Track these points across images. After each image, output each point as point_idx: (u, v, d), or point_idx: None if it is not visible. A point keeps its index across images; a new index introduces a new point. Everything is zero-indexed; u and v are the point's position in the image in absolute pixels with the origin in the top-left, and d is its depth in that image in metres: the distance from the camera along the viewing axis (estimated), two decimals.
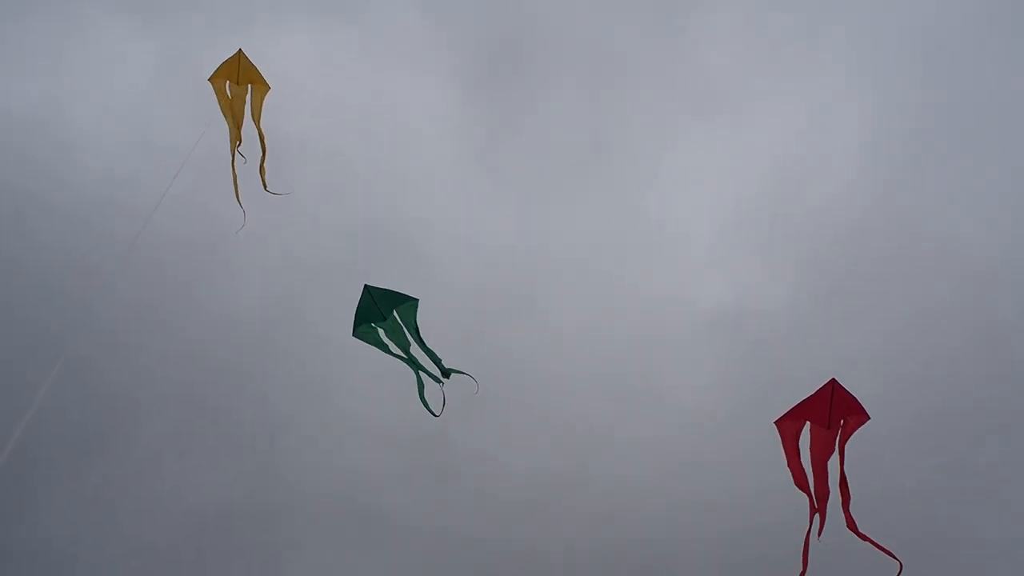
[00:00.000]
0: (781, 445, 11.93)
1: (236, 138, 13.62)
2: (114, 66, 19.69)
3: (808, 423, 11.80)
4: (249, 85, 13.61)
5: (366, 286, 12.79)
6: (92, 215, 18.87)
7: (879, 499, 17.56)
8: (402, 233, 19.50)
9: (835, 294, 19.51)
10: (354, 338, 12.88)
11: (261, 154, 13.79)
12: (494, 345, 19.12)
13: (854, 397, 11.64)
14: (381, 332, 13.04)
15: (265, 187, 13.93)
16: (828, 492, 11.91)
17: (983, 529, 17.98)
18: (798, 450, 11.89)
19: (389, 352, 13.08)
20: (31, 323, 18.38)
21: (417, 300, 13.00)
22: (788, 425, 11.86)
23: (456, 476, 18.42)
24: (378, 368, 18.07)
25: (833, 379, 11.64)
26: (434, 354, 13.17)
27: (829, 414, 11.67)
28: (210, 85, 13.60)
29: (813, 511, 11.90)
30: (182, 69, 19.41)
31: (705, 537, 16.94)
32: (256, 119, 13.68)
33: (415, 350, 13.12)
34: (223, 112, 13.65)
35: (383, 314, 12.93)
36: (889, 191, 19.85)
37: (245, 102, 13.64)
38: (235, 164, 13.75)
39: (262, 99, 13.70)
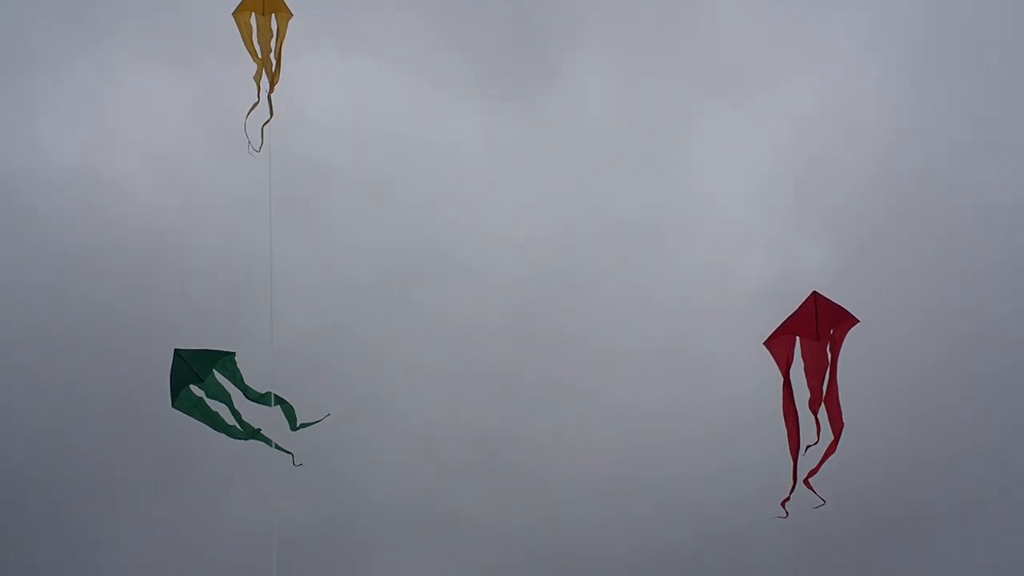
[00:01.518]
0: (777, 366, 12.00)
1: (262, 71, 13.64)
2: (150, 113, 20.23)
3: (798, 338, 11.95)
4: (273, 14, 13.62)
5: (176, 350, 12.33)
6: (137, 262, 19.48)
7: (918, 431, 18.12)
8: (442, 242, 19.97)
9: (868, 248, 19.97)
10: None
11: (271, 82, 13.70)
12: (546, 335, 19.63)
13: (839, 305, 11.84)
14: (205, 399, 12.48)
15: (270, 113, 13.75)
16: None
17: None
18: (788, 369, 11.99)
19: (216, 425, 12.57)
20: (82, 364, 18.96)
21: (234, 353, 12.55)
22: (778, 343, 11.97)
23: (521, 471, 18.91)
24: (432, 375, 18.92)
25: (815, 291, 11.87)
26: (273, 399, 12.73)
27: (816, 326, 11.79)
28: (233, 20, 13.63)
29: (794, 438, 12.05)
30: (217, 111, 19.86)
31: (758, 492, 17.18)
32: (278, 46, 13.68)
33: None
34: (246, 46, 13.68)
35: (200, 375, 12.37)
36: (909, 144, 20.28)
37: (271, 33, 13.64)
38: (259, 103, 13.68)
39: (286, 25, 13.68)
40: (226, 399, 12.59)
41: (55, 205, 19.66)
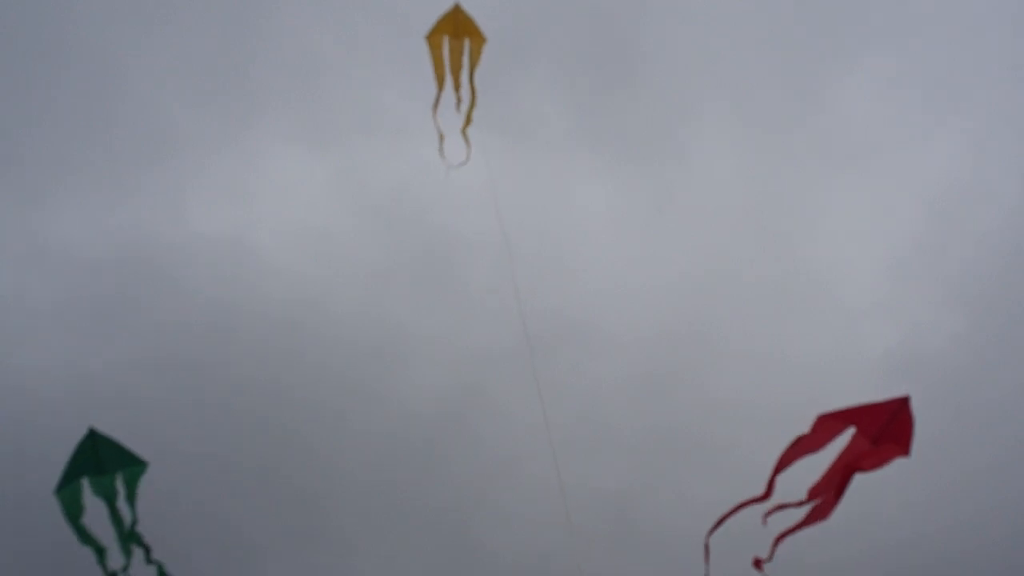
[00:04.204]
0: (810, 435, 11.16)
1: (456, 90, 13.86)
2: (291, 191, 21.38)
3: (853, 430, 10.94)
4: (466, 39, 13.82)
5: (91, 430, 11.05)
6: (278, 331, 20.40)
7: None
8: (573, 308, 20.41)
9: (1008, 323, 19.78)
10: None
11: (470, 105, 13.98)
12: (673, 395, 19.99)
13: (912, 427, 10.75)
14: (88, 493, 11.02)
15: (466, 140, 14.14)
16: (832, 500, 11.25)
17: None
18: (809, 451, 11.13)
19: (81, 534, 10.96)
20: (227, 431, 19.75)
21: (146, 465, 11.22)
22: (830, 424, 11.03)
23: (649, 527, 19.00)
24: (561, 434, 19.18)
25: (907, 396, 10.75)
26: (139, 539, 11.20)
27: (881, 430, 10.82)
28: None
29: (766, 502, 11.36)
30: (353, 187, 21.08)
31: (885, 545, 17.12)
32: (472, 71, 13.84)
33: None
34: (436, 68, 13.89)
35: (102, 468, 11.06)
36: None
37: (463, 55, 13.85)
38: (438, 121, 13.97)
39: (479, 51, 13.81)
40: (111, 502, 11.17)
41: (201, 278, 20.72)
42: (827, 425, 11.05)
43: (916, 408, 17.94)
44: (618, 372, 20.07)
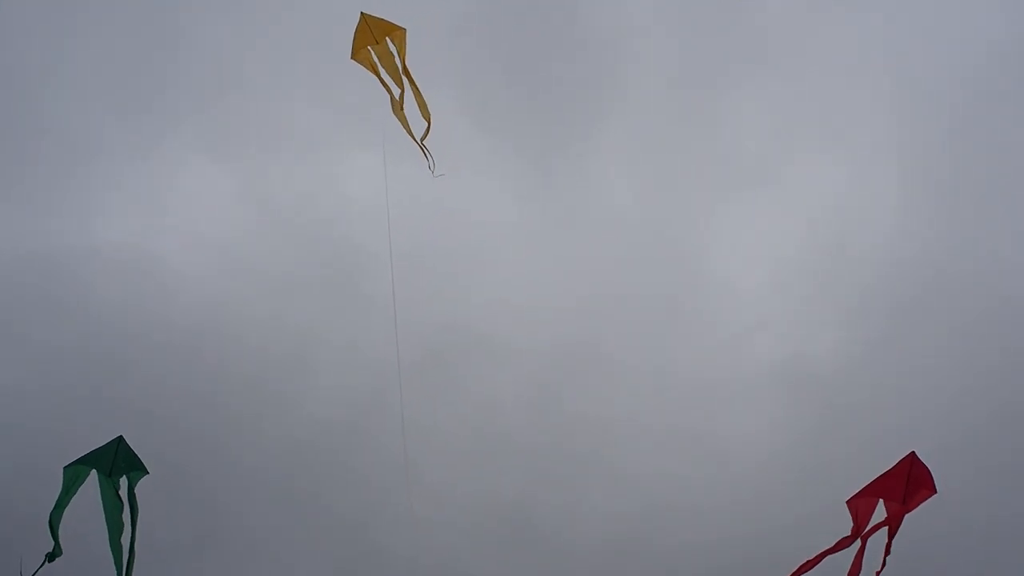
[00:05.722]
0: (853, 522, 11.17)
1: (401, 97, 13.84)
2: (199, 201, 21.79)
3: (882, 501, 11.10)
4: (387, 39, 13.70)
5: (120, 437, 11.76)
6: (186, 335, 20.70)
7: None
8: (472, 320, 21.03)
9: (880, 337, 20.84)
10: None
11: (416, 101, 13.98)
12: (567, 407, 20.70)
13: (928, 470, 10.93)
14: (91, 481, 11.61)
15: (424, 137, 14.17)
16: None
17: None
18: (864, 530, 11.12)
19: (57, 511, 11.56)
20: (134, 434, 19.73)
21: (146, 473, 11.78)
22: (861, 504, 11.14)
23: (537, 535, 19.68)
24: (457, 443, 19.75)
25: (913, 452, 10.94)
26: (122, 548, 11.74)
27: (905, 489, 10.90)
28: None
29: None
30: (260, 199, 21.56)
31: (760, 560, 17.79)
32: (402, 64, 13.77)
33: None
34: (379, 79, 13.86)
35: (111, 470, 11.64)
36: (921, 237, 21.35)
37: (394, 55, 13.76)
38: (405, 121, 13.99)
39: (403, 41, 13.70)
40: (114, 514, 11.72)
41: (112, 283, 21.02)
42: (858, 505, 11.21)
43: (796, 409, 18.51)
44: (515, 383, 20.78)
